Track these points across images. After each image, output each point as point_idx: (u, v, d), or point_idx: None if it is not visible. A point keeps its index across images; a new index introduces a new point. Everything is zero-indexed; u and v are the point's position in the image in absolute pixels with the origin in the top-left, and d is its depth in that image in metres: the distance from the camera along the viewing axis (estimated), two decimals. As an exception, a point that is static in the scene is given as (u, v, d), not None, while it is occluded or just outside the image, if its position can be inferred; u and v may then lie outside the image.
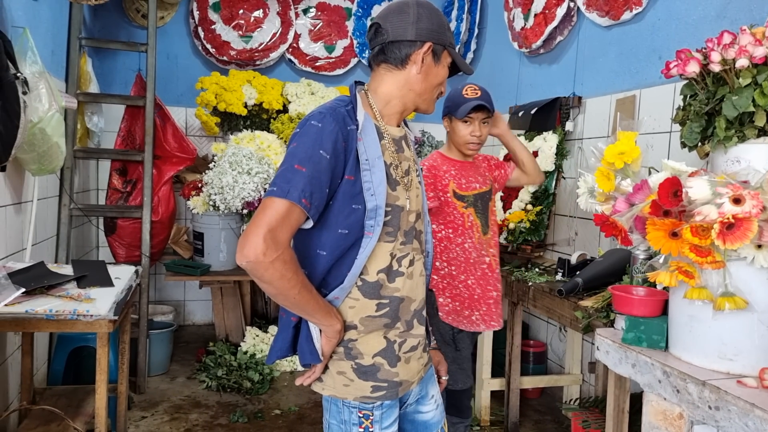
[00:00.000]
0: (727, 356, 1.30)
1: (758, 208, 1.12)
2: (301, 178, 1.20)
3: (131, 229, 3.49)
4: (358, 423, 1.33)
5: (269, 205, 1.19)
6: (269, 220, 1.18)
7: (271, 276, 1.18)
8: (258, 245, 1.15)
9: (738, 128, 1.49)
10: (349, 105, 1.32)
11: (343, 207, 1.27)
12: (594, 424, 2.45)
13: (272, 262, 1.16)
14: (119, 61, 4.28)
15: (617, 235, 1.42)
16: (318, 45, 4.74)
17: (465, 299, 2.24)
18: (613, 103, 2.93)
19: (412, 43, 1.33)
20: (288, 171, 1.21)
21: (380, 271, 1.31)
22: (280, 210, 1.19)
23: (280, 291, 1.21)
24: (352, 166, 1.26)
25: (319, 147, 1.22)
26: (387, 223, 1.31)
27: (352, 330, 1.32)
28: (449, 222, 2.25)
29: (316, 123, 1.25)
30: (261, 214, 1.19)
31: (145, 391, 3.37)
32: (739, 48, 1.44)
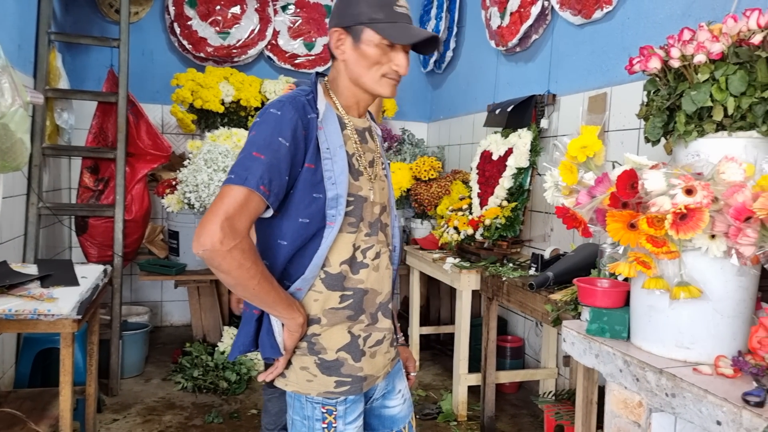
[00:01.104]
0: (684, 345, 1.32)
1: (709, 199, 1.15)
2: (260, 165, 1.19)
3: (103, 228, 3.45)
4: (321, 418, 1.32)
5: (227, 193, 1.18)
6: (227, 208, 1.16)
7: (229, 265, 1.17)
8: (215, 233, 1.14)
9: (697, 123, 1.51)
10: (310, 94, 1.32)
11: (303, 196, 1.26)
12: (566, 416, 2.49)
13: (230, 250, 1.15)
14: (92, 57, 4.23)
15: (578, 227, 1.44)
16: (297, 42, 4.73)
17: None
18: (585, 100, 2.97)
19: (331, 34, 1.35)
20: (246, 158, 1.21)
21: (343, 262, 1.31)
22: (238, 197, 1.17)
23: (238, 281, 1.19)
24: (313, 154, 1.26)
25: (278, 134, 1.22)
26: (349, 213, 1.31)
27: (315, 324, 1.32)
28: None
29: (276, 111, 1.25)
30: (218, 202, 1.18)
31: (118, 393, 3.34)
32: (697, 44, 1.47)
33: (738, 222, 1.13)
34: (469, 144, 4.32)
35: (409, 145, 4.73)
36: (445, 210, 3.72)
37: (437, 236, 3.62)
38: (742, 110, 1.44)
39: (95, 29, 4.22)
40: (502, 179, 3.29)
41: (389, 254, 1.46)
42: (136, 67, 4.18)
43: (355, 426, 1.36)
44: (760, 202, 1.09)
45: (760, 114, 1.42)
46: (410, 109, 5.11)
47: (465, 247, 3.34)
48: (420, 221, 4.21)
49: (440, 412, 3.20)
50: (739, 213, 1.13)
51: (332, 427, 1.32)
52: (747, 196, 1.13)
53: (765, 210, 1.08)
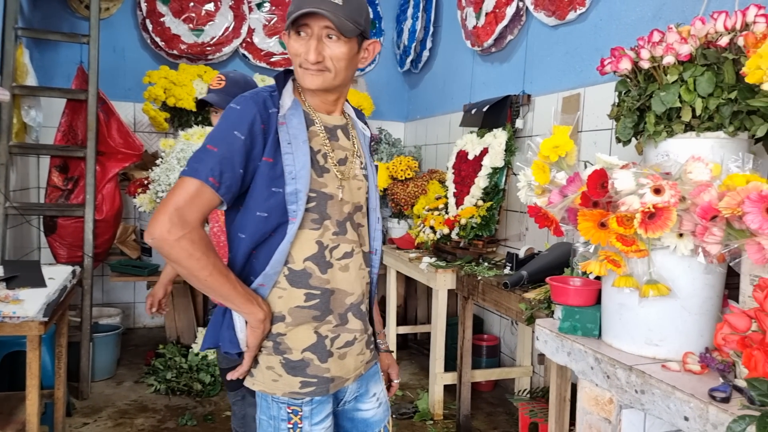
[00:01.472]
0: (653, 342, 1.34)
1: (677, 198, 1.16)
2: (212, 157, 1.21)
3: (73, 228, 3.38)
4: (286, 419, 1.31)
5: (179, 185, 1.21)
6: (177, 199, 1.19)
7: (178, 255, 1.18)
8: (163, 223, 1.17)
9: (666, 123, 1.54)
10: (274, 91, 1.32)
11: (262, 189, 1.26)
12: (540, 413, 2.51)
13: (177, 240, 1.17)
14: (61, 54, 4.14)
15: (549, 226, 1.45)
16: (273, 40, 4.69)
17: None
18: (559, 101, 3.00)
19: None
20: (201, 151, 1.23)
21: (307, 259, 1.31)
22: (189, 189, 1.20)
23: (190, 271, 1.21)
24: (272, 148, 1.26)
25: (234, 128, 1.23)
26: (311, 209, 1.30)
27: (280, 323, 1.31)
28: None
29: (235, 106, 1.26)
30: (171, 194, 1.21)
31: (89, 396, 3.28)
32: (666, 46, 1.49)
33: (704, 221, 1.15)
34: (446, 144, 4.33)
35: (386, 144, 4.73)
36: (422, 209, 3.73)
37: (414, 236, 3.62)
38: (709, 111, 1.46)
39: (64, 25, 4.13)
40: (477, 179, 3.31)
41: (363, 255, 1.44)
42: (107, 64, 4.10)
43: (322, 427, 1.35)
44: (726, 201, 1.11)
45: (726, 115, 1.45)
46: (387, 109, 5.11)
47: (441, 246, 3.35)
48: (397, 221, 4.21)
49: (416, 411, 3.20)
50: (705, 212, 1.14)
51: (298, 428, 1.31)
52: (713, 196, 1.15)
53: (730, 209, 1.10)
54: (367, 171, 1.48)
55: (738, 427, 1.00)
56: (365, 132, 1.52)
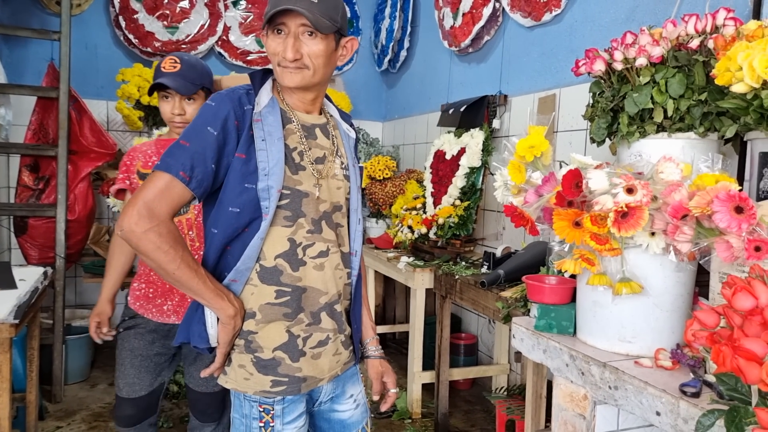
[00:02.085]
0: (626, 339, 1.37)
1: (649, 198, 1.19)
2: (183, 152, 1.23)
3: (44, 228, 3.32)
4: (258, 417, 1.32)
5: (150, 179, 1.23)
6: (146, 193, 1.21)
7: (146, 247, 1.20)
8: (132, 216, 1.19)
9: (639, 124, 1.57)
10: (251, 89, 1.33)
11: (234, 185, 1.27)
12: (516, 411, 2.53)
13: (145, 232, 1.19)
14: (30, 51, 4.05)
15: (525, 225, 1.46)
16: (249, 38, 4.66)
17: (159, 286, 2.01)
18: (535, 101, 3.03)
19: None
20: (173, 147, 1.25)
21: (278, 256, 1.31)
22: (158, 183, 1.22)
23: (158, 264, 1.22)
24: (245, 144, 1.27)
25: (207, 124, 1.25)
26: (284, 206, 1.30)
27: (251, 319, 1.31)
28: None
29: (210, 102, 1.29)
30: (141, 187, 1.23)
31: (62, 399, 3.22)
32: (638, 47, 1.52)
33: (675, 219, 1.18)
34: (424, 143, 4.35)
35: (364, 144, 4.73)
36: (400, 209, 3.74)
37: (392, 235, 3.63)
38: (680, 112, 1.49)
39: (34, 21, 4.04)
40: (455, 178, 3.32)
41: (342, 255, 1.44)
42: (79, 62, 4.02)
43: (294, 426, 1.35)
44: (696, 200, 1.13)
45: (697, 116, 1.48)
46: (365, 109, 5.10)
47: (419, 246, 3.36)
48: (375, 220, 4.21)
49: (395, 410, 3.21)
50: (676, 211, 1.17)
51: (269, 426, 1.32)
52: (684, 195, 1.17)
53: (700, 208, 1.12)
54: (348, 172, 1.48)
55: (707, 421, 1.02)
56: (350, 134, 1.52)
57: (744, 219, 1.08)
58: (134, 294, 2.03)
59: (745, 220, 1.08)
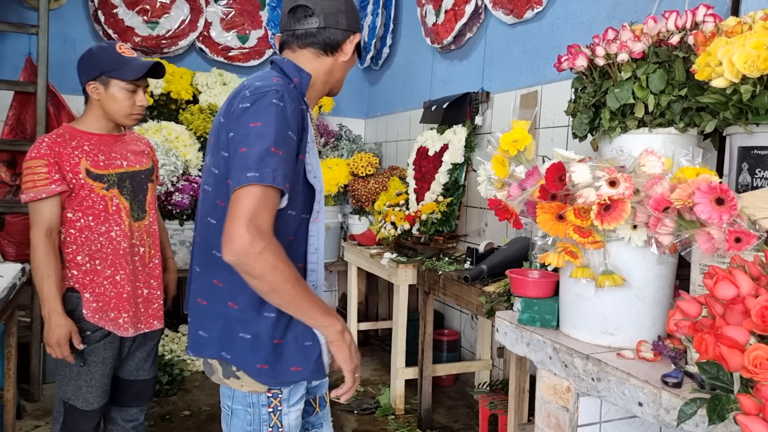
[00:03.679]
0: (608, 331, 1.38)
1: (631, 190, 1.20)
2: (280, 161, 1.18)
3: (22, 225, 3.26)
4: (267, 404, 1.33)
5: (248, 192, 1.15)
6: (250, 209, 1.14)
7: (262, 269, 1.14)
8: (244, 237, 1.12)
9: (621, 119, 1.59)
10: (291, 84, 1.33)
11: (295, 187, 1.27)
12: (499, 405, 2.55)
13: (260, 253, 1.13)
14: (8, 45, 3.97)
15: (509, 218, 1.47)
16: (230, 34, 4.61)
17: (111, 298, 1.93)
18: (518, 98, 3.05)
19: (344, 32, 1.37)
20: (266, 155, 1.17)
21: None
22: (259, 196, 1.15)
23: (272, 286, 1.17)
24: (304, 146, 1.28)
25: (287, 128, 1.21)
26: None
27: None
28: (87, 208, 1.91)
29: (278, 102, 1.22)
30: (241, 203, 1.14)
31: (40, 398, 3.17)
32: (620, 43, 1.53)
33: (657, 212, 1.19)
34: (406, 140, 4.35)
35: (347, 141, 4.72)
36: (383, 205, 3.74)
37: (375, 232, 3.63)
38: (661, 107, 1.52)
39: (11, 15, 3.96)
40: (438, 175, 3.33)
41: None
42: (58, 56, 3.95)
43: (297, 408, 1.37)
44: (677, 193, 1.15)
45: (677, 111, 1.50)
46: (347, 106, 5.09)
47: (402, 242, 3.37)
48: (358, 217, 4.21)
49: (378, 407, 3.21)
50: (658, 203, 1.18)
51: (277, 411, 1.33)
52: (665, 188, 1.19)
53: (681, 200, 1.14)
54: None
55: (690, 410, 1.04)
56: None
57: (725, 210, 1.09)
58: (89, 307, 1.92)
59: (725, 212, 1.09)
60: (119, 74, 1.90)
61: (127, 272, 1.96)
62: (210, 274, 1.32)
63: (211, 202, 1.32)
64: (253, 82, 1.28)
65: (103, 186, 1.92)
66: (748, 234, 1.09)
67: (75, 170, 1.88)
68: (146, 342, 2.10)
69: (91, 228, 1.92)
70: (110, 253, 1.94)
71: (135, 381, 2.09)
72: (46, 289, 1.85)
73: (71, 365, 1.91)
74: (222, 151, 1.28)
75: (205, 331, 1.33)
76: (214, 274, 1.31)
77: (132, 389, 2.09)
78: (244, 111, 1.22)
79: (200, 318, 1.34)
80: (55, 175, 1.85)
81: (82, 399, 1.92)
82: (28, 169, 1.85)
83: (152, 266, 2.06)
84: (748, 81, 1.28)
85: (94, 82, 1.93)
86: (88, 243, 1.92)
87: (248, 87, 1.27)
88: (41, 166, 1.83)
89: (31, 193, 1.84)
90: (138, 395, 2.11)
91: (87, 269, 1.93)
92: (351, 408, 3.22)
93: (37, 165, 1.83)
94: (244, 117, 1.21)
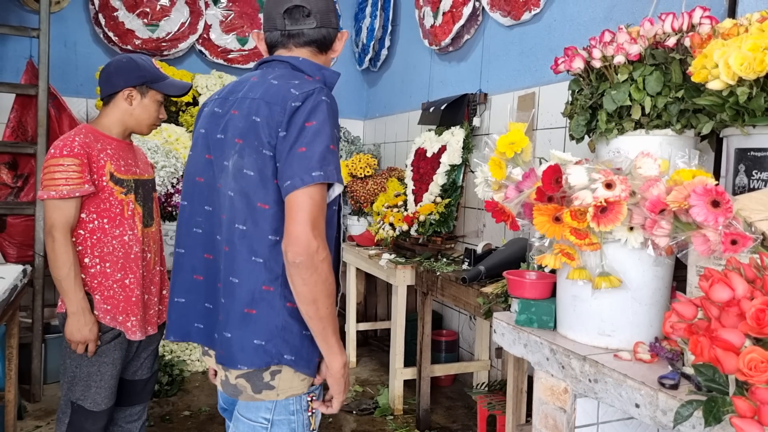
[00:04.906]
0: (605, 332, 1.39)
1: (627, 193, 1.21)
2: (337, 159, 1.21)
3: (23, 227, 3.27)
4: (306, 407, 1.34)
5: (315, 194, 1.17)
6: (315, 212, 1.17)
7: (317, 278, 1.17)
8: (312, 241, 1.15)
9: (617, 121, 1.59)
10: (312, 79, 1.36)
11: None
12: (497, 406, 2.55)
13: (323, 261, 1.17)
14: (9, 48, 3.98)
15: (506, 220, 1.48)
16: (230, 37, 4.63)
17: (120, 302, 1.95)
18: (515, 99, 3.05)
19: (335, 31, 1.42)
20: (327, 152, 1.19)
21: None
22: (319, 197, 1.18)
23: (317, 296, 1.19)
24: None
25: (335, 126, 1.25)
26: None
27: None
28: (104, 210, 1.93)
29: (326, 98, 1.26)
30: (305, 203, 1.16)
31: (41, 399, 3.18)
32: (616, 45, 1.54)
33: (653, 214, 1.20)
34: (405, 141, 4.36)
35: (345, 142, 4.73)
36: (381, 207, 3.74)
37: (373, 233, 3.63)
38: (658, 109, 1.52)
39: (12, 18, 3.98)
40: (436, 176, 3.34)
41: None
42: (58, 59, 3.97)
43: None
44: (673, 195, 1.15)
45: (674, 113, 1.51)
46: (346, 107, 5.10)
47: (400, 243, 3.37)
48: (356, 218, 4.22)
49: (377, 407, 3.22)
50: (654, 205, 1.19)
51: (313, 411, 1.36)
52: (661, 190, 1.20)
53: (677, 202, 1.14)
54: None
55: (686, 411, 1.04)
56: None
57: (720, 213, 1.10)
58: (100, 308, 1.93)
59: (721, 214, 1.10)
60: (162, 87, 1.99)
61: (137, 276, 1.98)
62: (254, 282, 1.27)
63: (244, 206, 1.27)
64: (289, 80, 1.29)
65: (123, 191, 1.96)
66: (743, 236, 1.10)
67: (100, 172, 1.91)
68: (151, 343, 2.13)
69: (104, 230, 1.93)
70: (121, 257, 1.95)
71: (138, 381, 2.12)
72: (74, 286, 1.85)
73: (81, 366, 1.92)
74: (264, 151, 1.24)
75: (261, 338, 1.27)
76: (259, 281, 1.26)
77: (135, 388, 2.12)
78: (297, 110, 1.23)
79: (251, 328, 1.28)
80: (87, 175, 1.87)
81: (91, 400, 1.92)
82: (59, 166, 1.83)
83: (154, 272, 2.09)
84: (744, 83, 1.28)
85: (133, 90, 1.97)
86: (99, 245, 1.93)
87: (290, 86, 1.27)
88: (74, 165, 1.84)
89: (63, 189, 1.83)
90: (140, 394, 2.14)
91: (96, 272, 1.93)
92: (350, 408, 3.22)
93: (69, 163, 1.84)
94: (297, 116, 1.22)
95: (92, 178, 1.89)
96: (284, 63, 1.38)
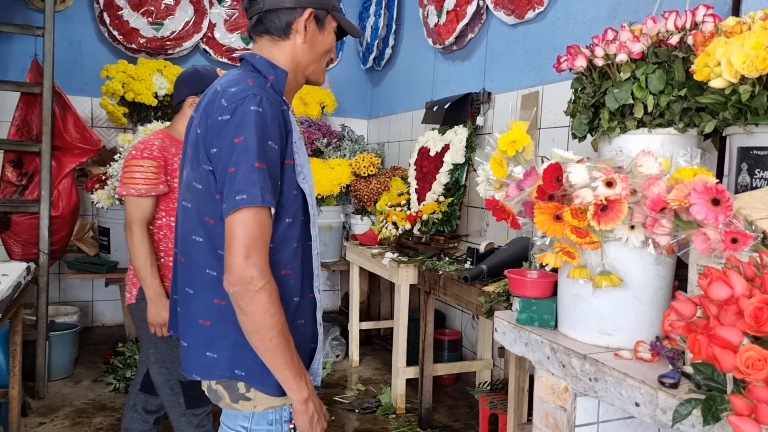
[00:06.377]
0: (606, 331, 1.38)
1: (628, 191, 1.20)
2: (266, 177, 1.10)
3: (27, 224, 3.29)
4: (288, 419, 1.29)
5: (244, 218, 1.09)
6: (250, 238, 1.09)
7: (255, 308, 1.11)
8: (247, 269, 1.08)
9: (620, 120, 1.59)
10: (267, 83, 1.23)
11: (288, 194, 1.20)
12: (499, 405, 2.55)
13: (258, 291, 1.10)
14: (14, 46, 4.01)
15: (506, 218, 1.48)
16: (234, 35, 4.64)
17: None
18: (519, 98, 3.05)
19: (292, 11, 1.23)
20: (252, 172, 1.09)
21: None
22: (255, 221, 1.10)
23: (257, 327, 1.12)
24: (290, 149, 1.20)
25: (268, 138, 1.13)
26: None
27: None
28: (173, 210, 2.06)
29: (257, 108, 1.13)
30: (238, 230, 1.09)
31: (45, 396, 3.19)
32: (619, 44, 1.54)
33: (654, 213, 1.19)
34: (408, 141, 4.36)
35: (349, 141, 4.73)
36: (384, 206, 3.74)
37: (376, 232, 3.63)
38: (660, 108, 1.51)
39: (18, 16, 4.00)
40: (439, 175, 3.34)
41: None
42: (63, 58, 3.99)
43: None
44: (674, 193, 1.15)
45: (677, 111, 1.50)
46: (350, 106, 5.10)
47: (403, 242, 3.37)
48: (360, 217, 4.22)
49: (379, 406, 3.22)
50: (654, 204, 1.19)
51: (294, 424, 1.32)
52: (662, 188, 1.19)
53: (678, 201, 1.14)
54: None
55: (684, 410, 1.04)
56: None
57: (721, 211, 1.10)
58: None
59: (721, 212, 1.09)
60: None
61: None
62: (208, 294, 1.23)
63: (196, 219, 1.23)
64: (228, 88, 1.18)
65: None
66: (744, 234, 1.09)
67: (174, 174, 2.05)
68: None
69: (170, 227, 2.07)
70: None
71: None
72: (150, 274, 2.01)
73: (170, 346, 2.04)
74: (203, 165, 1.19)
75: (213, 351, 1.24)
76: (212, 294, 1.22)
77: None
78: (225, 124, 1.13)
79: (204, 339, 1.25)
80: (162, 176, 2.04)
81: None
82: (139, 167, 2.00)
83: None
84: (747, 81, 1.27)
85: (197, 98, 2.08)
86: (165, 240, 2.07)
87: (223, 94, 1.17)
88: (153, 167, 2.01)
89: (142, 188, 2.00)
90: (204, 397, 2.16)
91: (161, 264, 2.07)
92: (352, 407, 3.23)
93: (149, 165, 2.01)
94: (225, 131, 1.13)
95: (166, 180, 2.05)
96: (246, 62, 1.28)
